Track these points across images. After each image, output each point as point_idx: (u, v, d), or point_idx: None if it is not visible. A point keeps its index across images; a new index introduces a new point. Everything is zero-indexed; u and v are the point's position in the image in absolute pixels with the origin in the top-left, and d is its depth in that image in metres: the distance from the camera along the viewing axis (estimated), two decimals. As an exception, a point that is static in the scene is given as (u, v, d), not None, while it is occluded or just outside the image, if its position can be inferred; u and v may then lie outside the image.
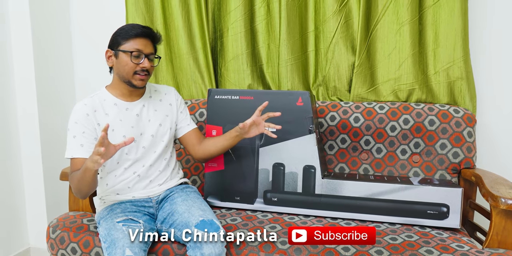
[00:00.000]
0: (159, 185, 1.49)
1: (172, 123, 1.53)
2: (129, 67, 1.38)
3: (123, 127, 1.42)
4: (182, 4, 1.99)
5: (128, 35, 1.38)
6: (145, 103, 1.49)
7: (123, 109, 1.44)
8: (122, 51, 1.38)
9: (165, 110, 1.52)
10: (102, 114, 1.41)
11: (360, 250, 1.26)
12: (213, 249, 1.21)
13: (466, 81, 1.76)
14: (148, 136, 1.46)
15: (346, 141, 1.75)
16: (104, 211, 1.40)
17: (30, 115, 2.05)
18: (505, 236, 1.27)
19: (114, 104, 1.43)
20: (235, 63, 1.99)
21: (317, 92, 1.95)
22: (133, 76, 1.39)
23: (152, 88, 1.55)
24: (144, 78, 1.40)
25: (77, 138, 1.36)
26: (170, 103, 1.55)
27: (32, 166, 2.09)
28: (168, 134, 1.51)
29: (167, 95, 1.55)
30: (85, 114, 1.38)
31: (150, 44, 1.41)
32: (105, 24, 2.20)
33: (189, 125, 1.57)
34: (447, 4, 1.74)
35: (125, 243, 1.21)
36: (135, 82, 1.40)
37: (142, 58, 1.38)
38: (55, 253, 1.43)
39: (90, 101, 1.41)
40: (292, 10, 1.87)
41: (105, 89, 1.47)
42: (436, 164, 1.66)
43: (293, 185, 1.55)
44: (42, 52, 2.07)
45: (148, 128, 1.46)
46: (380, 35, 1.84)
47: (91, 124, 1.38)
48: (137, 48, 1.37)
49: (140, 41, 1.38)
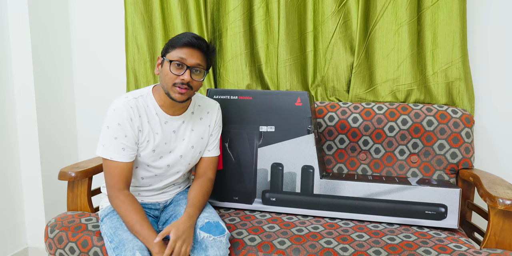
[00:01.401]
0: (170, 192, 1.49)
1: (203, 147, 1.45)
2: (168, 78, 1.27)
3: (156, 142, 1.34)
4: (181, 4, 1.99)
5: (175, 44, 1.27)
6: (186, 119, 1.39)
7: (162, 121, 1.35)
8: (166, 60, 1.28)
9: (202, 132, 1.43)
10: (145, 121, 1.32)
11: (358, 250, 1.26)
12: (218, 252, 1.20)
13: (464, 82, 1.76)
14: (177, 155, 1.39)
15: (345, 142, 1.75)
16: (109, 208, 1.38)
17: (29, 119, 2.05)
18: (503, 236, 1.27)
19: (155, 114, 1.34)
20: (234, 63, 1.99)
21: (315, 92, 1.95)
22: (172, 88, 1.27)
23: (197, 101, 1.44)
24: (184, 92, 1.26)
25: (118, 140, 1.28)
26: (209, 124, 1.45)
27: (30, 166, 2.09)
28: (194, 159, 1.45)
29: (209, 114, 1.45)
30: (129, 119, 1.28)
31: (199, 56, 1.28)
32: (104, 24, 2.20)
33: (209, 151, 1.47)
34: (446, 5, 1.74)
35: (135, 245, 1.18)
36: (173, 95, 1.27)
37: (184, 69, 1.26)
38: (53, 253, 1.43)
39: (135, 103, 1.30)
40: (291, 11, 1.87)
41: (151, 93, 1.36)
42: (434, 165, 1.66)
43: (292, 185, 1.55)
44: (41, 55, 2.06)
45: (180, 148, 1.39)
46: (378, 36, 1.84)
47: (135, 129, 1.30)
48: (180, 57, 1.25)
49: (186, 50, 1.26)
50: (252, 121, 1.57)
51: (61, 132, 2.22)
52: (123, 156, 1.29)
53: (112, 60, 2.20)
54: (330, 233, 1.37)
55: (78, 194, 1.58)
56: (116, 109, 1.29)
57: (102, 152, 1.29)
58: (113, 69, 2.20)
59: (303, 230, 1.39)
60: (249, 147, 1.58)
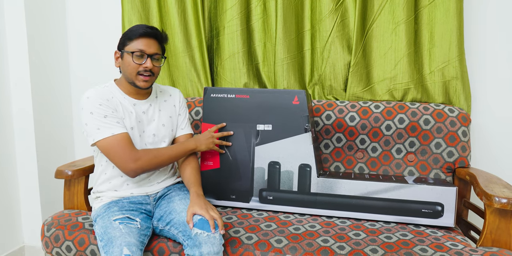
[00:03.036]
0: (158, 183, 1.50)
1: (173, 125, 1.54)
2: (132, 68, 1.37)
3: (131, 120, 1.42)
4: (179, 2, 1.99)
5: (132, 36, 1.37)
6: (151, 103, 1.50)
7: (131, 103, 1.45)
8: (126, 52, 1.38)
9: (169, 111, 1.54)
10: (117, 102, 1.41)
11: (355, 249, 1.26)
12: (212, 248, 1.21)
13: (461, 81, 1.77)
14: (150, 134, 1.47)
15: (342, 140, 1.75)
16: (101, 209, 1.39)
17: (25, 113, 2.04)
18: (499, 234, 1.28)
19: (124, 98, 1.44)
20: (231, 61, 1.99)
21: (313, 91, 1.95)
22: (136, 76, 1.38)
23: (158, 88, 1.56)
24: (147, 79, 1.39)
25: (109, 116, 1.35)
26: (174, 104, 1.56)
27: (26, 164, 2.08)
28: (170, 135, 1.53)
29: (172, 96, 1.56)
30: (105, 99, 1.37)
31: (155, 44, 1.40)
32: (101, 21, 2.20)
33: (182, 130, 1.57)
34: (443, 4, 1.74)
35: (122, 241, 1.19)
36: (139, 83, 1.39)
37: (144, 58, 1.37)
38: (50, 251, 1.43)
39: (103, 90, 1.40)
40: (288, 9, 1.87)
41: (114, 83, 1.47)
42: (431, 163, 1.67)
43: (289, 184, 1.55)
44: (37, 49, 2.06)
45: (151, 127, 1.48)
46: (376, 35, 1.84)
47: (113, 107, 1.38)
48: (140, 49, 1.36)
49: (143, 41, 1.37)
50: (249, 120, 1.57)
51: (58, 128, 2.21)
52: (121, 127, 1.36)
53: (108, 57, 2.19)
54: (327, 232, 1.37)
55: (74, 193, 1.58)
56: (90, 96, 1.36)
57: (100, 135, 1.34)
58: (110, 65, 2.19)
59: (300, 229, 1.39)
60: (246, 146, 1.58)
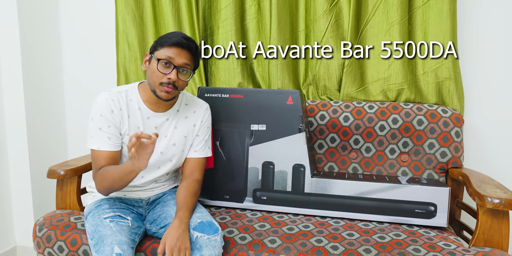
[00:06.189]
0: (152, 190, 1.46)
1: (186, 145, 1.43)
2: (155, 76, 1.28)
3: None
4: (172, 2, 1.98)
5: (164, 42, 1.28)
6: (170, 117, 1.39)
7: (145, 116, 1.36)
8: (154, 58, 1.29)
9: (186, 131, 1.42)
10: (125, 114, 1.33)
11: (348, 249, 1.27)
12: (213, 251, 1.20)
13: (454, 82, 1.78)
14: (157, 152, 1.38)
15: (336, 140, 1.76)
16: (93, 205, 1.38)
17: (17, 113, 2.02)
18: (491, 234, 1.29)
19: (138, 108, 1.35)
20: (226, 61, 1.98)
21: (307, 91, 1.95)
22: (158, 86, 1.28)
23: (184, 100, 1.44)
24: (170, 91, 1.28)
25: (103, 130, 1.30)
26: (194, 123, 1.44)
27: (18, 164, 2.06)
28: (179, 155, 1.43)
29: (195, 114, 1.44)
30: (110, 110, 1.31)
31: (186, 56, 1.29)
32: (94, 21, 2.18)
33: (196, 152, 1.45)
34: (436, 5, 1.75)
35: (113, 240, 1.17)
36: (160, 93, 1.29)
37: (171, 68, 1.27)
38: (42, 252, 1.41)
39: (117, 97, 1.33)
40: (282, 9, 1.87)
41: (137, 88, 1.38)
42: (424, 164, 1.68)
43: (283, 184, 1.55)
44: (30, 49, 2.03)
45: (160, 145, 1.38)
46: (370, 35, 1.85)
47: (116, 120, 1.32)
48: (168, 56, 1.27)
49: (175, 50, 1.27)
50: (244, 120, 1.56)
51: (51, 129, 2.19)
52: (109, 144, 1.32)
53: (102, 57, 2.18)
54: (321, 232, 1.37)
55: (67, 193, 1.56)
56: (98, 101, 1.32)
57: (90, 144, 1.33)
58: (104, 66, 2.18)
59: (294, 229, 1.39)
60: (240, 146, 1.57)
